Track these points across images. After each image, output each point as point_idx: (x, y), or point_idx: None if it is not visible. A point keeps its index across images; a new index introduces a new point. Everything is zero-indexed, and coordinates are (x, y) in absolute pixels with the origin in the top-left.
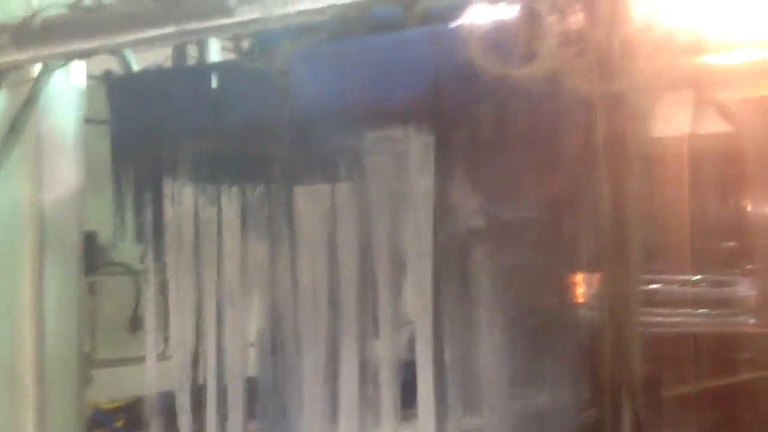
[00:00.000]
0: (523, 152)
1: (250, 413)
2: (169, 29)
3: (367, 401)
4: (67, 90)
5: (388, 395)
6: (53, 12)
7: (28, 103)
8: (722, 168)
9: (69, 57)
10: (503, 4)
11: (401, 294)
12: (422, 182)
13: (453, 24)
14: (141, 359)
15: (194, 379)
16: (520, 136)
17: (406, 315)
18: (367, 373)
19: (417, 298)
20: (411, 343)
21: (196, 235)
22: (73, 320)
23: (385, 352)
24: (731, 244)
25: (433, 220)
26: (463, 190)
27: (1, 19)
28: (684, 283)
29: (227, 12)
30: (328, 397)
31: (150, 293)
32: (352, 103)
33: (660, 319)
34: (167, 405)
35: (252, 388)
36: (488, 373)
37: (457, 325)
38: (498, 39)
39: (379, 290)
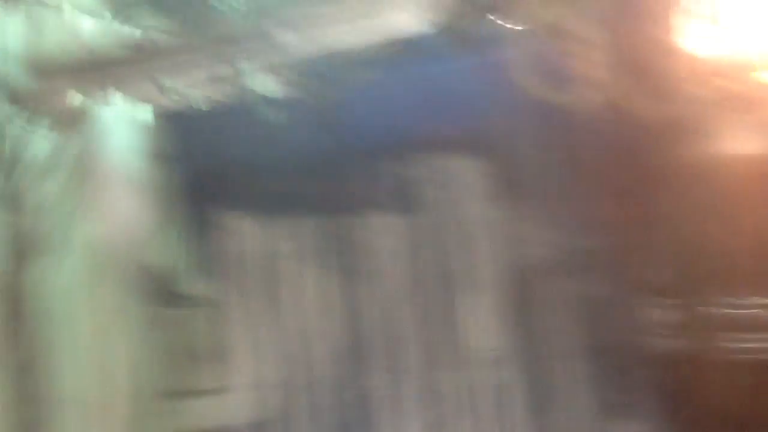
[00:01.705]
0: (589, 178)
1: None
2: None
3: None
4: (131, 125)
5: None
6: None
7: (91, 137)
8: None
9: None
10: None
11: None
12: (486, 212)
13: (506, 52)
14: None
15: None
16: (583, 163)
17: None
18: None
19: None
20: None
21: (260, 269)
22: (144, 352)
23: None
24: None
25: (499, 249)
26: (528, 218)
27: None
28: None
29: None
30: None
31: (220, 326)
32: (408, 133)
33: (741, 344)
34: None
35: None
36: (565, 403)
37: (532, 356)
38: (551, 66)
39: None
